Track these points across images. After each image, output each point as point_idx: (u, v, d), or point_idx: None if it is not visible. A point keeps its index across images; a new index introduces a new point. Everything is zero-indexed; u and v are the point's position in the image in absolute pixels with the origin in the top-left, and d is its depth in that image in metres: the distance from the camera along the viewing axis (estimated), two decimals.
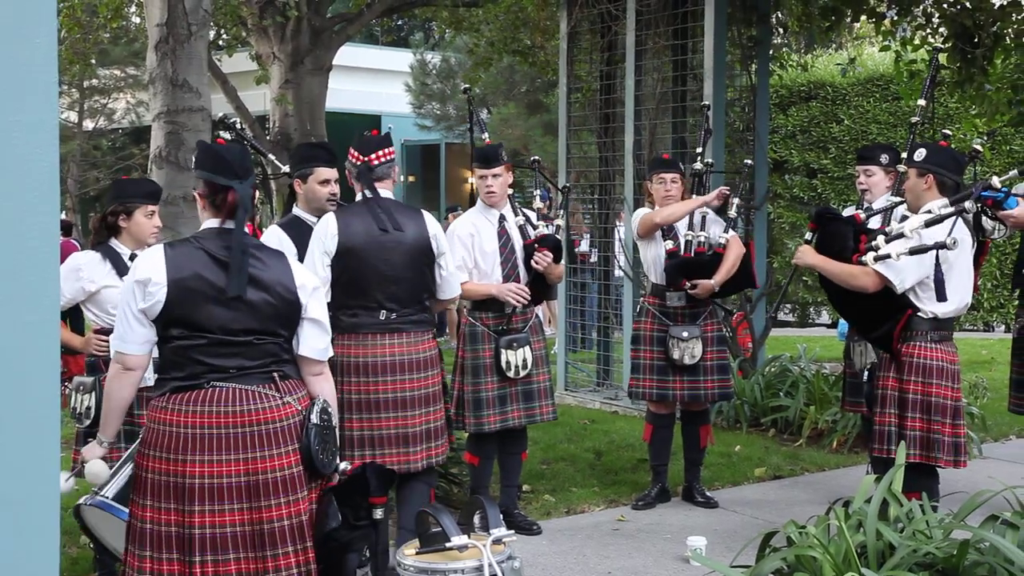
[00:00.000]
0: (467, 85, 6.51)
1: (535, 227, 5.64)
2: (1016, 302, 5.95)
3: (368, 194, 4.66)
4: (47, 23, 1.68)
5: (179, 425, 3.31)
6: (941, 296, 4.69)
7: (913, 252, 4.59)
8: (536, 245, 5.54)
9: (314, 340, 3.54)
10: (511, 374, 5.47)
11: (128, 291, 3.36)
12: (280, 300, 3.43)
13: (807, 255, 4.96)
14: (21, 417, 1.75)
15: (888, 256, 4.65)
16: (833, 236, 4.95)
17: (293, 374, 3.50)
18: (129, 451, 3.57)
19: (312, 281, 3.58)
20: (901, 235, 4.69)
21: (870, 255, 4.72)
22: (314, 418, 3.43)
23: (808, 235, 5.06)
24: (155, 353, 3.48)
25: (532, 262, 5.53)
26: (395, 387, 4.62)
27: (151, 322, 3.33)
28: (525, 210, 5.77)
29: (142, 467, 3.36)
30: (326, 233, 4.58)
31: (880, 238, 4.75)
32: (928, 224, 4.65)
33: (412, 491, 4.75)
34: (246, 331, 3.37)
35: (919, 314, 4.79)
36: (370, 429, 4.60)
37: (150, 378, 3.78)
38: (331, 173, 4.91)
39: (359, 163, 4.67)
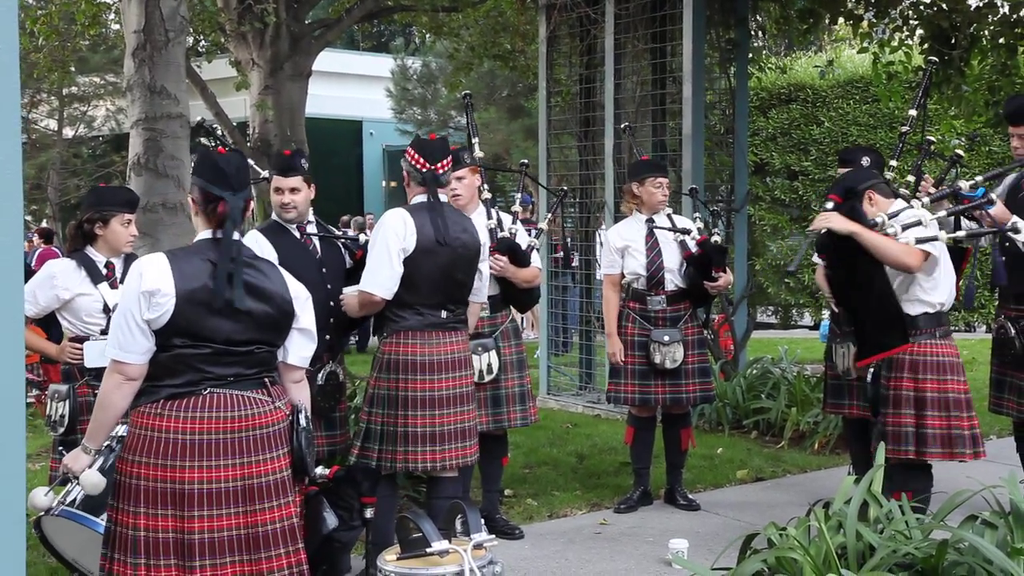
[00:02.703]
0: (467, 92, 6.51)
1: (503, 230, 5.62)
2: (996, 302, 5.97)
3: (432, 199, 4.72)
4: (8, 31, 1.66)
5: (175, 431, 3.31)
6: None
7: (971, 236, 4.84)
8: (491, 249, 5.52)
9: (303, 349, 3.60)
10: (475, 378, 5.45)
11: (132, 301, 3.32)
12: (278, 310, 3.47)
13: (836, 219, 4.74)
14: None
15: (934, 238, 4.71)
16: (855, 212, 4.84)
17: (277, 380, 3.55)
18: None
19: (303, 292, 3.61)
20: (918, 223, 4.73)
21: (909, 234, 4.70)
22: (303, 422, 3.50)
23: (830, 204, 4.84)
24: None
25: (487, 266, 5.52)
26: (455, 383, 4.74)
27: (152, 332, 3.31)
28: (501, 214, 5.75)
29: (130, 474, 3.33)
30: (405, 231, 4.62)
31: (890, 220, 4.76)
32: (951, 214, 4.89)
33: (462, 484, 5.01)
34: (247, 341, 3.41)
35: (923, 309, 4.87)
36: (432, 425, 4.67)
37: None
38: (284, 182, 4.91)
39: (425, 170, 4.72)
